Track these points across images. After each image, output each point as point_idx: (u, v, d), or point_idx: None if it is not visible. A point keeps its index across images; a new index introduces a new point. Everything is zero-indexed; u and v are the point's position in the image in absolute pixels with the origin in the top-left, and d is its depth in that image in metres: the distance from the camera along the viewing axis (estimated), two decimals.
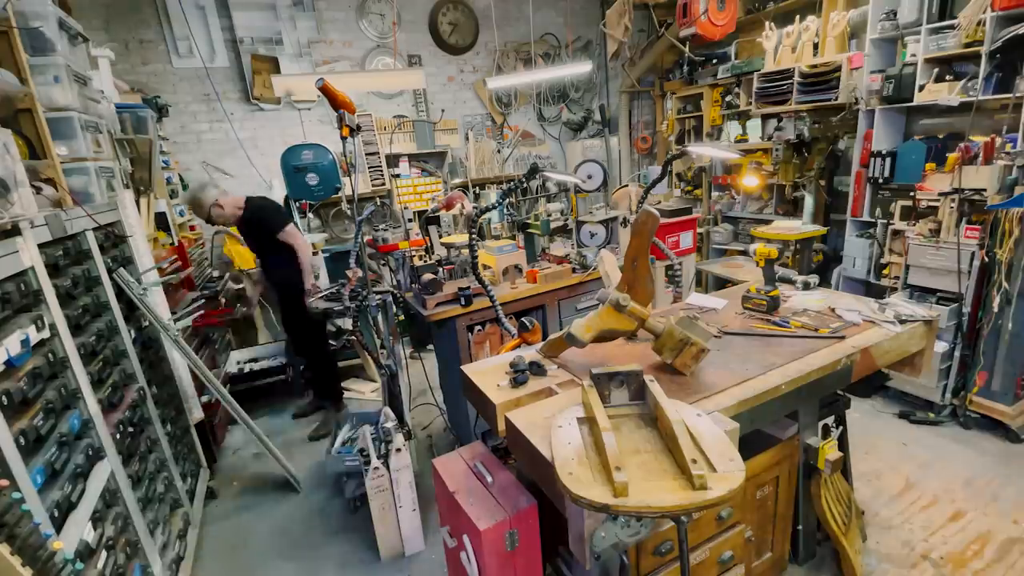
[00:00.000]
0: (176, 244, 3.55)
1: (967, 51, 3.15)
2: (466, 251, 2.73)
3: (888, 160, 3.61)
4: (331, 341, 3.78)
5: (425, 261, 3.09)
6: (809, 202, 4.36)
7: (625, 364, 1.43)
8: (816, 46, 4.18)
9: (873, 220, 3.74)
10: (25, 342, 1.48)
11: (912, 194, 3.36)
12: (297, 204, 3.93)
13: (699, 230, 4.96)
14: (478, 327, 2.95)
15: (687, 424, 1.19)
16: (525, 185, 2.28)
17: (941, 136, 3.56)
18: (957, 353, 3.01)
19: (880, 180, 3.67)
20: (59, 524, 1.47)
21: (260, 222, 3.30)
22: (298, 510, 2.86)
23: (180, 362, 2.80)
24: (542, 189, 5.80)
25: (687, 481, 1.05)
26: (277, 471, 3.02)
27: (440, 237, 3.64)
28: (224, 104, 5.02)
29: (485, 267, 3.12)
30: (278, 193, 4.85)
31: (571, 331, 1.47)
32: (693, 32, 4.70)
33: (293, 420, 3.83)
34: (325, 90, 2.11)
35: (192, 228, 4.41)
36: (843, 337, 1.82)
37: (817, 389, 1.68)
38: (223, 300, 3.86)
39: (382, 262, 3.48)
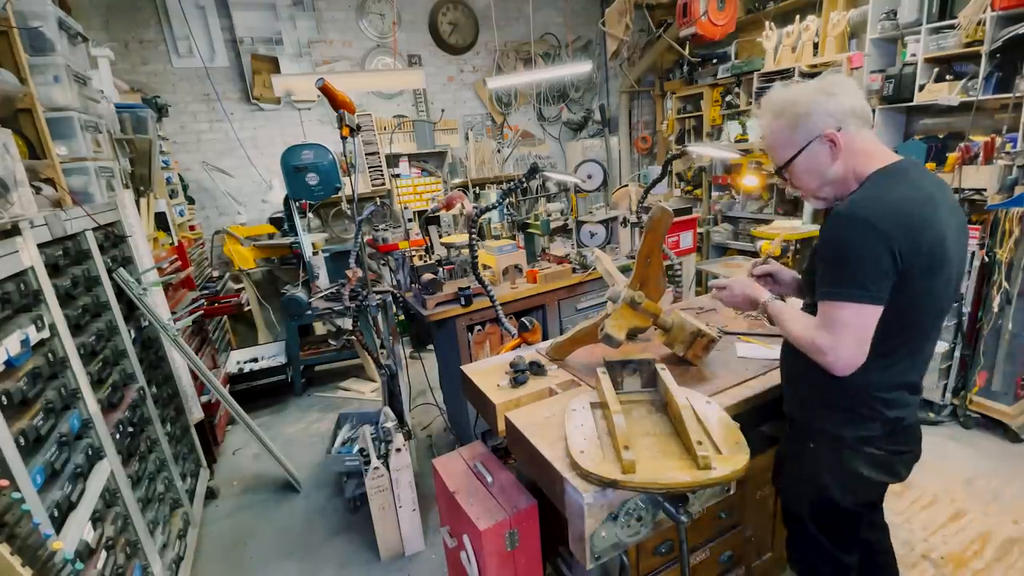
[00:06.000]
0: (176, 244, 3.55)
1: (967, 51, 3.15)
2: (466, 251, 2.73)
3: None
4: (331, 341, 3.77)
5: (425, 261, 3.09)
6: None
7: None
8: (816, 46, 4.18)
9: None
10: (25, 342, 1.48)
11: None
12: (297, 204, 3.92)
13: (699, 230, 4.96)
14: (478, 327, 2.94)
15: (695, 409, 1.24)
16: (525, 185, 2.28)
17: (941, 136, 3.56)
18: (957, 353, 3.01)
19: None
20: (59, 524, 1.47)
21: None
22: (298, 510, 2.86)
23: (180, 362, 2.80)
24: (542, 189, 5.80)
25: (693, 461, 1.11)
26: (277, 471, 3.02)
27: (440, 237, 3.64)
28: (224, 104, 5.02)
29: (485, 267, 3.12)
30: (278, 193, 4.86)
31: (608, 332, 1.52)
32: (693, 32, 4.70)
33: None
34: (325, 90, 2.11)
35: (192, 228, 4.41)
36: None
37: None
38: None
39: (382, 262, 3.48)
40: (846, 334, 1.16)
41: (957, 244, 1.23)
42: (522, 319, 2.03)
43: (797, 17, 4.26)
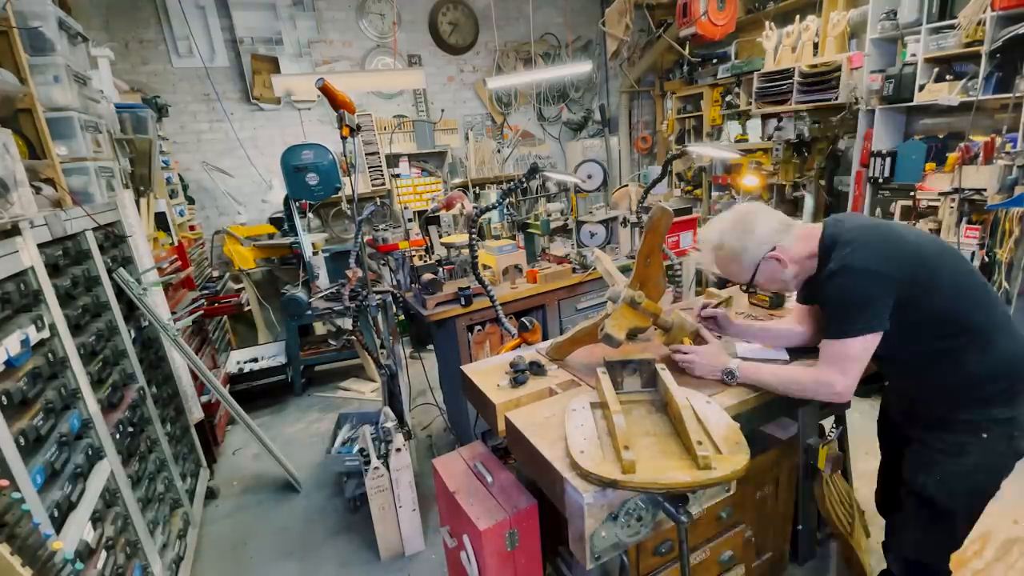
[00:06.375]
0: (176, 244, 3.55)
1: (967, 51, 3.15)
2: (466, 251, 2.73)
3: (888, 160, 3.61)
4: (331, 341, 3.77)
5: (425, 261, 3.09)
6: (809, 202, 4.36)
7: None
8: (816, 46, 4.18)
9: None
10: (25, 342, 1.48)
11: (912, 194, 3.36)
12: (297, 204, 3.93)
13: (699, 230, 4.96)
14: (478, 327, 2.94)
15: (695, 409, 1.24)
16: (525, 185, 2.28)
17: (941, 136, 3.56)
18: None
19: (880, 180, 3.67)
20: (59, 524, 1.47)
21: None
22: (298, 510, 2.86)
23: (180, 362, 2.80)
24: (542, 189, 5.80)
25: (693, 461, 1.11)
26: (277, 471, 3.02)
27: (440, 237, 3.64)
28: (224, 104, 5.03)
29: (485, 267, 3.12)
30: (278, 193, 4.86)
31: (608, 332, 1.51)
32: (693, 32, 4.70)
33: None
34: (325, 90, 2.11)
35: (192, 228, 4.41)
36: None
37: None
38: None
39: (382, 262, 3.48)
40: (855, 366, 1.34)
41: (939, 252, 1.39)
42: (522, 319, 2.03)
43: (797, 17, 4.26)
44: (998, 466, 1.46)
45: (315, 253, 3.96)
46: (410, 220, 5.21)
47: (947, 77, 3.31)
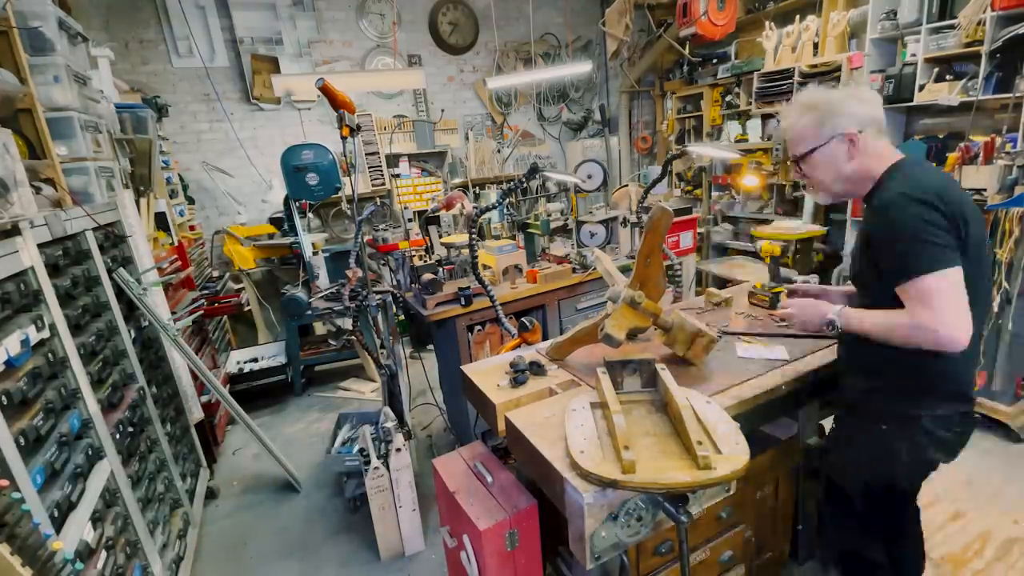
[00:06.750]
0: (176, 244, 3.55)
1: (967, 51, 3.15)
2: (466, 251, 2.73)
3: None
4: (331, 341, 3.77)
5: (425, 261, 3.09)
6: (809, 202, 4.36)
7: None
8: (816, 46, 4.18)
9: None
10: (25, 342, 1.48)
11: None
12: (297, 204, 3.93)
13: (699, 230, 4.96)
14: (478, 327, 2.94)
15: (695, 409, 1.24)
16: (525, 185, 2.28)
17: (941, 136, 3.56)
18: None
19: None
20: (59, 524, 1.47)
21: None
22: (298, 510, 2.86)
23: (180, 362, 2.80)
24: (542, 189, 5.80)
25: (693, 461, 1.11)
26: (277, 471, 3.02)
27: (440, 237, 3.64)
28: (224, 104, 5.02)
29: (485, 267, 3.12)
30: (278, 193, 4.86)
31: (608, 332, 1.52)
32: (693, 32, 4.70)
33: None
34: (325, 90, 2.11)
35: (192, 228, 4.41)
36: None
37: (817, 389, 1.68)
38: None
39: (382, 262, 3.48)
40: (943, 301, 1.20)
41: (977, 218, 1.32)
42: (522, 319, 2.03)
43: (797, 17, 4.26)
44: (895, 464, 1.43)
45: (315, 253, 3.96)
46: (410, 220, 5.21)
47: (947, 77, 3.31)
